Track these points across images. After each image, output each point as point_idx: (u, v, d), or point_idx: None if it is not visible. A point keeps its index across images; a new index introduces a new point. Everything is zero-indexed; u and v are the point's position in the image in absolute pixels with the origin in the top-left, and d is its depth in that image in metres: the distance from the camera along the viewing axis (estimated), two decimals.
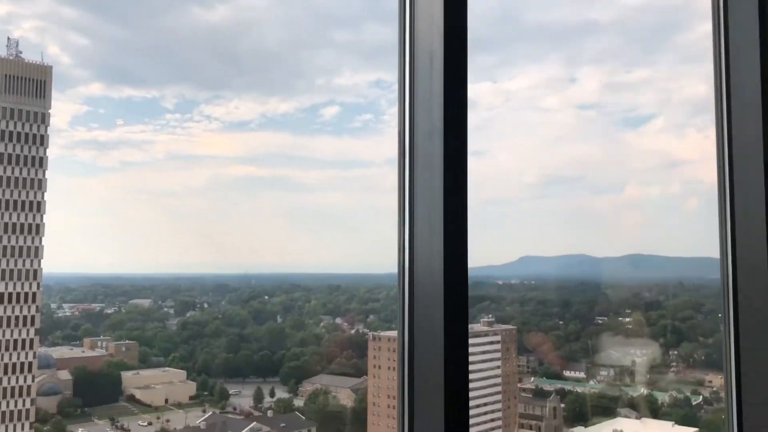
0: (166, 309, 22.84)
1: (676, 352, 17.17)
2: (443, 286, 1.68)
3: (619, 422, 17.19)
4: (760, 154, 2.64)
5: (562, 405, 18.03)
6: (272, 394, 20.28)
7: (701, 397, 15.92)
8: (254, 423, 18.07)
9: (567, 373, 19.77)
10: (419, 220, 1.72)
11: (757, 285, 2.88)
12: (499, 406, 18.84)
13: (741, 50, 2.60)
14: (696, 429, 14.31)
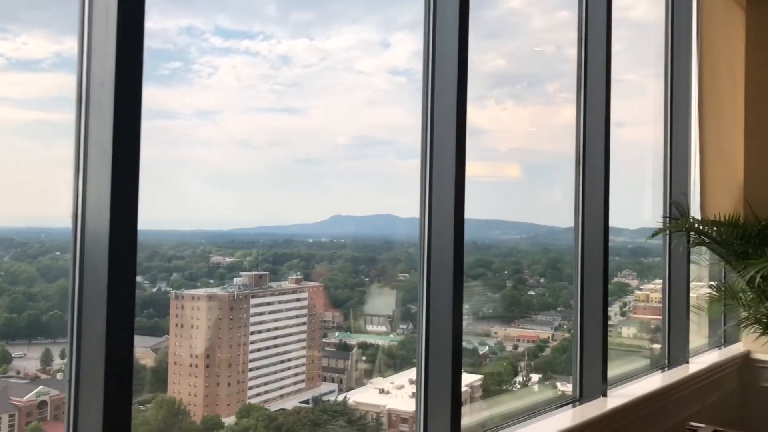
0: None
1: (468, 306, 18.73)
2: (108, 245, 1.61)
3: (413, 371, 18.51)
4: None
5: (363, 358, 18.96)
6: (63, 356, 19.05)
7: (487, 347, 17.57)
8: (41, 387, 16.90)
9: (370, 328, 20.76)
10: (91, 173, 1.68)
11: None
12: (303, 360, 19.38)
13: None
14: (481, 375, 15.83)
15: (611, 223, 4.38)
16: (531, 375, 3.82)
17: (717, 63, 4.51)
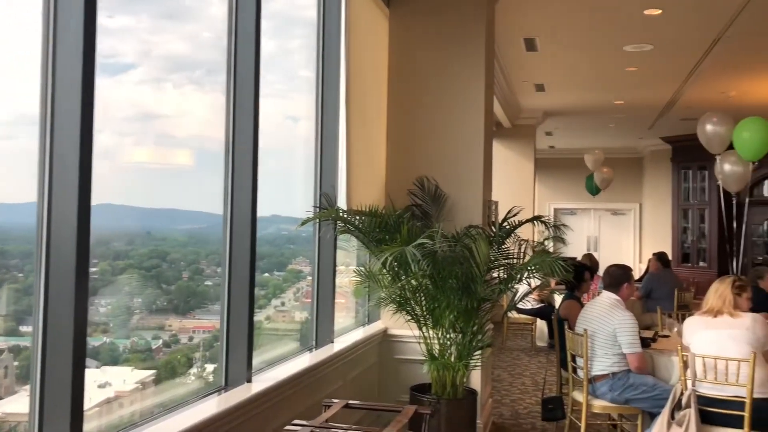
0: None
1: (140, 300, 17.82)
2: None
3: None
4: None
5: (15, 363, 16.88)
6: None
7: (161, 340, 16.98)
8: None
9: (24, 329, 18.55)
10: None
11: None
12: None
13: None
14: (154, 371, 15.21)
15: (285, 213, 4.52)
16: (206, 365, 3.75)
17: (364, 67, 4.93)
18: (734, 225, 11.77)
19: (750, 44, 7.26)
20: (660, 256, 9.28)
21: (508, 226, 4.67)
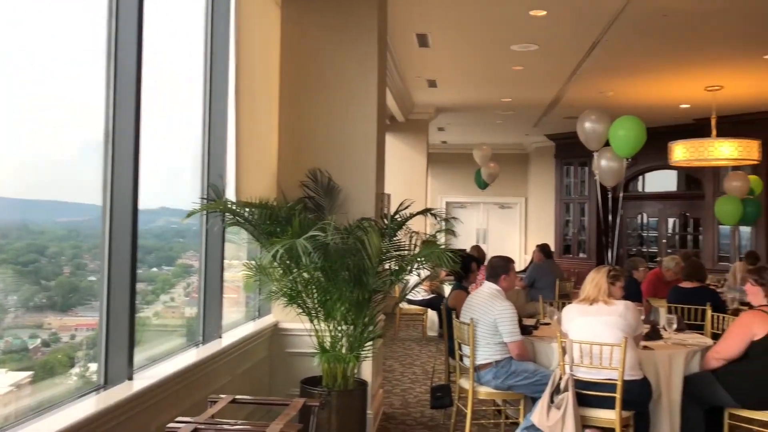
0: None
1: (15, 297, 16.70)
2: None
3: None
4: None
5: None
6: None
7: (39, 340, 16.00)
8: None
9: None
10: None
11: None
12: None
13: None
14: (31, 372, 14.32)
15: (175, 205, 4.35)
16: (89, 365, 3.55)
17: (255, 56, 4.83)
18: (610, 218, 12.51)
19: (626, 48, 7.72)
20: (542, 248, 9.71)
21: (399, 219, 4.73)
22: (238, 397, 3.31)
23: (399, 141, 12.31)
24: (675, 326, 5.23)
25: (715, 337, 5.20)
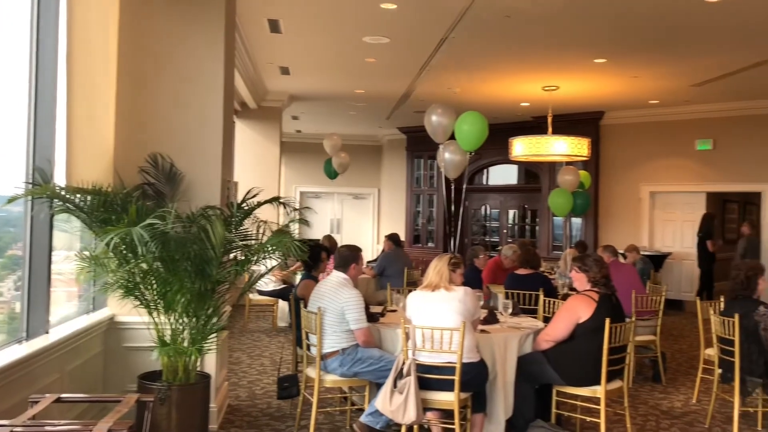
0: None
1: None
2: None
3: None
4: None
5: None
6: None
7: None
8: None
9: None
10: None
11: None
12: None
13: None
14: None
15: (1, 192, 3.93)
16: None
17: (90, 40, 4.51)
18: (454, 209, 13.06)
19: (471, 46, 8.05)
20: (392, 237, 9.96)
21: (247, 207, 4.63)
22: (64, 396, 3.09)
23: (251, 128, 12.06)
24: (510, 310, 5.54)
25: (547, 320, 5.57)
